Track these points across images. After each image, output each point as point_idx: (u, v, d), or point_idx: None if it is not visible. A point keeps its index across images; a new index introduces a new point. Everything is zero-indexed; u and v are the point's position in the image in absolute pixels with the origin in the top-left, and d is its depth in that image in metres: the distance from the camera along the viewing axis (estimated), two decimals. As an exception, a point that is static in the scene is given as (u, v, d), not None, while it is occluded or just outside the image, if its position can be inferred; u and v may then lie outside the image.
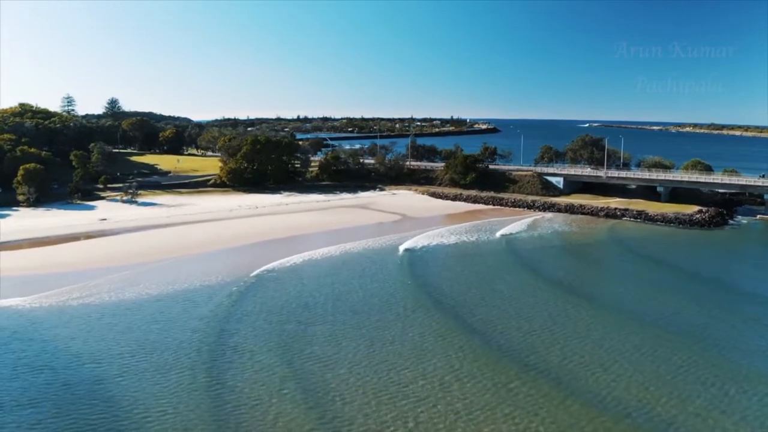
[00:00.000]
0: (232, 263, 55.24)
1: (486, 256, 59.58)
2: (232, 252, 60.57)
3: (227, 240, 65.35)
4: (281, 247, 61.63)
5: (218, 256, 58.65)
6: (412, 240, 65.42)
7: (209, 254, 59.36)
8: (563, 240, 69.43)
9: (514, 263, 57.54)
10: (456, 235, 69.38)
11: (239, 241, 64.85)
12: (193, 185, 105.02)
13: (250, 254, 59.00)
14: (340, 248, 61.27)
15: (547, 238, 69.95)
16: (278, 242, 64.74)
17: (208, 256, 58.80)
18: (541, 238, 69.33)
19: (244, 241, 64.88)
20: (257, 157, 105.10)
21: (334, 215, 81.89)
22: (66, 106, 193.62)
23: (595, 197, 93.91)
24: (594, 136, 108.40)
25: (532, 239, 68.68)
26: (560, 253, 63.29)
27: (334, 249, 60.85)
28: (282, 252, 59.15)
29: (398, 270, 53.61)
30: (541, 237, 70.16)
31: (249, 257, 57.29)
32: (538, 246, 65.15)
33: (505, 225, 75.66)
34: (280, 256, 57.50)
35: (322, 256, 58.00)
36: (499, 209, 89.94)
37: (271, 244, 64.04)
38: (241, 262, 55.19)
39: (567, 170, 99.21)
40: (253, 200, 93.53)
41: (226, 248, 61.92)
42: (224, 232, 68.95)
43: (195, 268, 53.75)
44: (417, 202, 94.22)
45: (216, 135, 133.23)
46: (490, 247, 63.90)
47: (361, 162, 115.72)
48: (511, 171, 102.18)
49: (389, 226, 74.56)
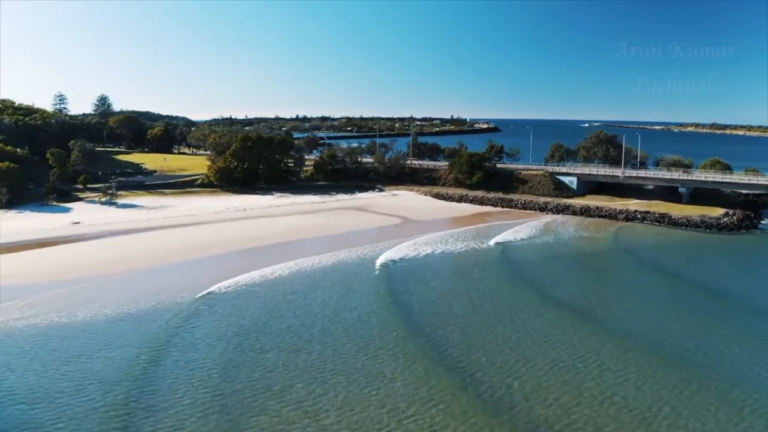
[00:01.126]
0: (206, 274, 48.04)
1: (496, 268, 52.64)
2: (210, 261, 53.48)
3: (206, 247, 58.32)
4: (264, 256, 54.38)
5: (193, 266, 51.63)
6: (413, 246, 58.46)
7: (184, 264, 52.34)
8: (581, 249, 62.20)
9: (536, 281, 50.62)
10: (463, 240, 62.36)
11: (220, 249, 57.79)
12: (179, 185, 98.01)
13: (230, 264, 51.94)
14: (332, 257, 54.00)
15: (563, 245, 62.94)
16: (263, 250, 57.58)
17: (182, 266, 51.79)
18: (556, 246, 62.31)
19: (226, 249, 57.80)
20: (248, 156, 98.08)
21: (329, 218, 74.92)
22: (58, 104, 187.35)
23: (612, 198, 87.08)
24: (608, 134, 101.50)
25: (547, 247, 61.72)
26: (578, 267, 55.32)
27: (325, 258, 53.75)
28: (264, 261, 51.99)
29: (388, 291, 45.75)
30: (556, 244, 63.18)
31: (227, 267, 50.18)
32: (552, 255, 58.05)
33: (516, 230, 68.83)
34: (261, 265, 50.49)
35: (312, 267, 50.88)
36: (508, 211, 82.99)
37: (254, 252, 56.90)
38: (216, 273, 48.11)
39: (581, 169, 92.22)
40: (242, 202, 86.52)
41: (203, 257, 54.86)
42: (205, 238, 61.96)
43: (165, 280, 46.83)
44: (419, 203, 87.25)
45: (206, 132, 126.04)
46: (503, 256, 56.94)
47: (359, 161, 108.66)
48: (521, 170, 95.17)
49: (389, 231, 67.62)
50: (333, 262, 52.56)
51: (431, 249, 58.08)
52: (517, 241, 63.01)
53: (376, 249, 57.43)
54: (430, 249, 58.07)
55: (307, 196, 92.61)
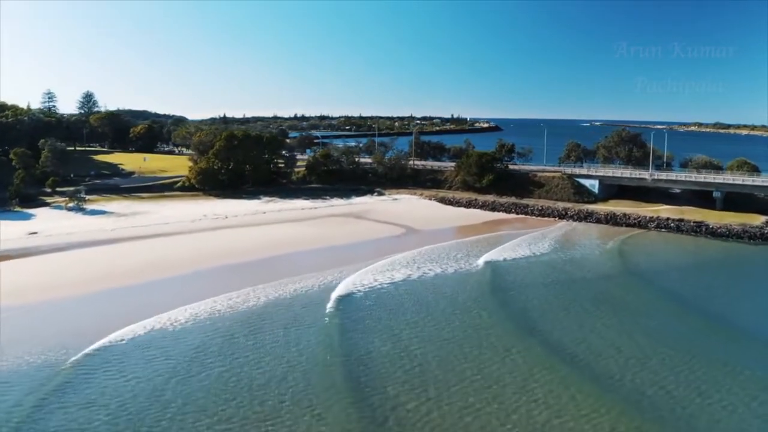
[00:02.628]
0: (134, 310, 37.94)
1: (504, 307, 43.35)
2: (156, 288, 43.51)
3: (162, 267, 48.51)
4: (223, 280, 44.57)
5: (127, 296, 41.60)
6: (416, 266, 49.22)
7: (118, 292, 42.22)
8: (614, 271, 53.07)
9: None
10: (480, 255, 53.09)
11: (178, 269, 47.95)
12: (157, 189, 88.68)
13: (176, 292, 42.26)
14: (305, 284, 43.71)
15: (595, 265, 53.75)
16: (225, 272, 47.63)
17: (114, 294, 41.72)
18: (588, 266, 53.13)
19: (185, 269, 47.99)
20: (233, 156, 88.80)
21: (320, 228, 65.55)
22: (47, 102, 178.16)
23: (638, 204, 77.87)
24: (630, 132, 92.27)
25: (576, 266, 52.48)
26: (614, 307, 43.92)
27: (308, 282, 44.38)
28: (216, 288, 42.21)
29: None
30: (588, 264, 53.99)
31: (167, 298, 40.45)
32: (588, 279, 48.86)
33: (535, 241, 59.63)
34: (207, 294, 40.86)
35: (270, 298, 41.19)
36: (524, 219, 73.76)
37: (214, 275, 46.81)
38: (149, 306, 38.52)
39: (603, 171, 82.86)
40: (224, 208, 77.16)
41: (151, 281, 44.86)
42: (167, 255, 52.45)
43: (73, 318, 37.10)
44: (423, 209, 77.91)
45: (192, 130, 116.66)
46: (519, 279, 47.70)
47: (357, 161, 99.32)
48: (535, 172, 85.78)
49: (389, 244, 58.25)
50: (300, 291, 42.11)
51: (438, 268, 48.87)
52: (541, 256, 53.84)
53: (390, 267, 48.28)
54: (437, 269, 48.86)
55: (297, 200, 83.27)
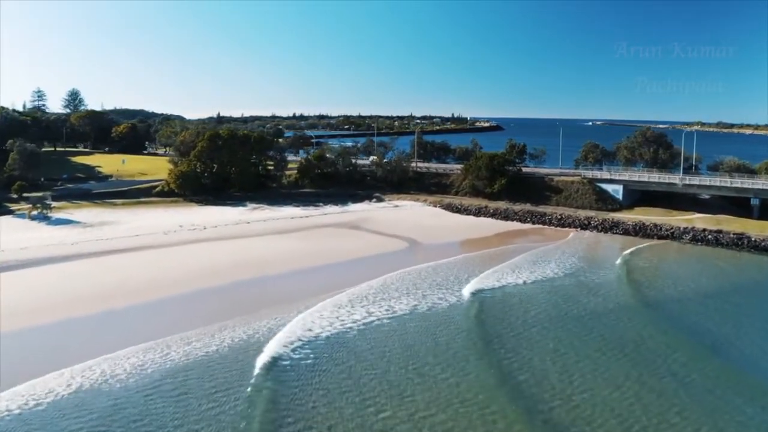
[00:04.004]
0: (61, 350, 30.08)
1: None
2: (96, 322, 35.18)
3: (121, 293, 39.96)
4: (177, 316, 36.17)
5: (59, 332, 33.32)
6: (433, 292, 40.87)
7: (51, 329, 33.62)
8: (656, 298, 44.77)
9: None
10: (506, 279, 44.74)
11: (136, 296, 39.30)
12: (133, 194, 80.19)
13: (119, 328, 33.97)
14: (265, 325, 35.26)
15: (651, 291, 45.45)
16: (186, 302, 39.12)
17: (47, 331, 33.27)
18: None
19: (141, 297, 39.35)
20: (217, 157, 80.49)
21: (310, 241, 57.10)
22: (36, 100, 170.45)
23: (668, 212, 69.63)
24: (655, 131, 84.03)
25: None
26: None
27: (258, 325, 36.01)
28: (168, 327, 33.99)
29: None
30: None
31: (112, 334, 32.24)
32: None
33: (561, 257, 51.39)
34: (155, 335, 32.70)
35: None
36: (540, 229, 65.51)
37: (174, 305, 38.53)
38: (76, 348, 30.25)
39: (628, 175, 74.47)
40: (204, 216, 68.72)
41: (96, 313, 36.26)
42: (129, 278, 43.89)
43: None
44: (428, 218, 69.53)
45: (177, 130, 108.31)
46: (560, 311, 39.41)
47: (354, 163, 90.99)
48: (552, 176, 77.39)
49: (390, 261, 49.79)
50: (240, 341, 31.88)
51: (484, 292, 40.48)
52: (565, 278, 45.52)
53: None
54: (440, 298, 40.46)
55: (287, 208, 74.82)
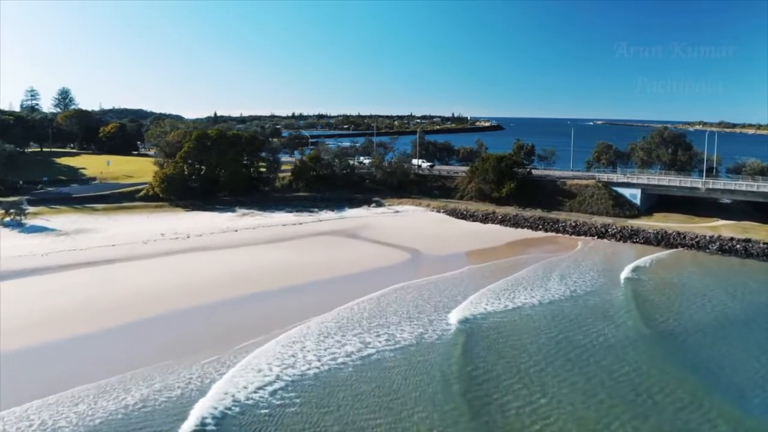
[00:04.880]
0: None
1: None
2: (38, 356, 30.36)
3: (81, 316, 34.84)
4: (118, 352, 31.19)
5: (12, 366, 28.52)
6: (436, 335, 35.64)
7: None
8: (685, 326, 39.63)
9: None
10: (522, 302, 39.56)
11: (97, 321, 33.91)
12: (115, 198, 74.91)
13: (58, 365, 28.98)
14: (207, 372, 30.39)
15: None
16: (140, 331, 34.22)
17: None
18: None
19: (101, 322, 33.95)
20: (205, 159, 75.30)
21: (301, 252, 51.86)
22: (29, 100, 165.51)
23: (689, 218, 64.57)
24: (673, 131, 78.99)
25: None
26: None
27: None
28: (100, 367, 29.15)
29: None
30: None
31: (46, 373, 27.31)
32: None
33: (581, 273, 46.27)
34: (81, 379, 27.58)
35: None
36: (554, 238, 60.39)
37: (128, 334, 33.64)
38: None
39: (646, 179, 69.27)
40: (189, 223, 63.53)
41: (42, 344, 31.13)
42: (97, 297, 38.74)
43: None
44: (431, 225, 64.36)
45: (167, 129, 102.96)
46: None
47: (351, 165, 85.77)
48: (564, 179, 72.19)
49: (389, 276, 44.63)
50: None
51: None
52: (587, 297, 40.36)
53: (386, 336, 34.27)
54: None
55: (279, 213, 69.64)
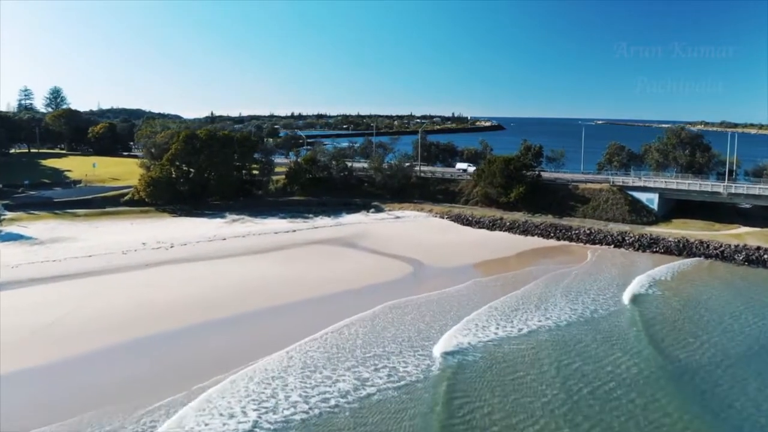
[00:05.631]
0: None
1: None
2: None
3: (38, 343, 30.65)
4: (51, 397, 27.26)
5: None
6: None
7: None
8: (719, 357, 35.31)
9: None
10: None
11: (55, 350, 29.64)
12: (99, 203, 70.58)
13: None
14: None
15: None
16: (123, 358, 30.24)
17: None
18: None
19: (52, 353, 29.84)
20: (194, 161, 70.99)
21: (291, 265, 47.40)
22: (23, 99, 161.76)
23: (709, 224, 60.26)
24: (690, 132, 74.66)
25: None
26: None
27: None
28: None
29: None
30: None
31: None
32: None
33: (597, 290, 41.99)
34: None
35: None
36: (566, 246, 56.09)
37: (107, 361, 29.64)
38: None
39: (664, 182, 64.94)
40: (174, 231, 59.14)
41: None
42: (62, 319, 34.54)
43: None
44: (435, 232, 59.99)
45: (158, 129, 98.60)
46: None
47: (349, 167, 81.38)
48: (576, 182, 67.83)
49: (389, 291, 40.32)
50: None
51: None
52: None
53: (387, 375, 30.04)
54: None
55: (272, 220, 65.28)
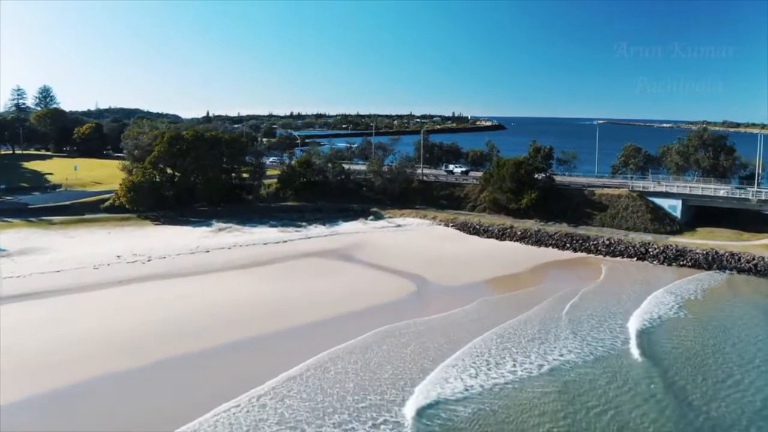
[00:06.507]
0: None
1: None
2: None
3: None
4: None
5: None
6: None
7: None
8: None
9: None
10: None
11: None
12: (77, 209, 65.46)
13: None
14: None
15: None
16: (52, 410, 25.31)
17: None
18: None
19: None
20: (180, 164, 65.97)
21: (284, 282, 42.39)
22: (16, 99, 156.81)
23: (737, 234, 55.15)
24: (713, 134, 69.65)
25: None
26: None
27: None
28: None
29: None
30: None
31: None
32: None
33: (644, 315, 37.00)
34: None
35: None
36: (584, 258, 51.12)
37: (34, 413, 24.69)
38: None
39: (688, 188, 59.90)
40: (155, 240, 54.05)
41: None
42: (7, 352, 29.59)
43: None
44: (440, 243, 54.84)
45: (145, 130, 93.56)
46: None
47: (347, 170, 76.22)
48: (593, 187, 62.85)
49: (389, 315, 35.30)
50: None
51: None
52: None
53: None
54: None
55: (262, 228, 60.18)
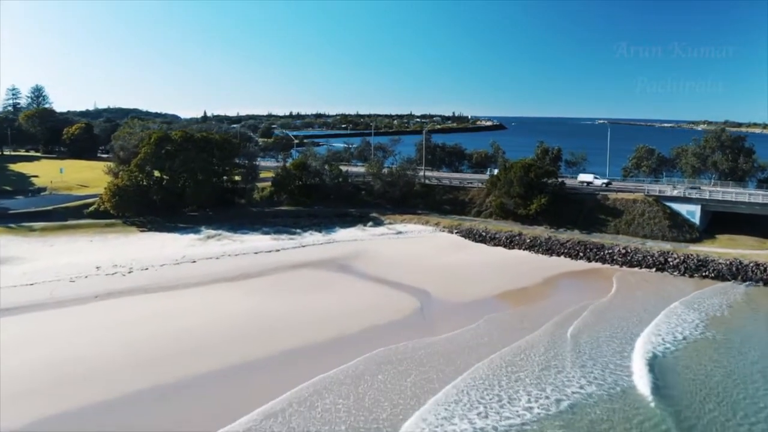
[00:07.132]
0: None
1: None
2: None
3: None
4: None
5: None
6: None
7: None
8: None
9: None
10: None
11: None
12: (59, 215, 61.75)
13: None
14: None
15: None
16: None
17: None
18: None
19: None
20: (168, 166, 62.35)
21: (274, 298, 38.77)
22: (11, 98, 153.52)
23: (760, 242, 51.85)
24: (732, 135, 66.01)
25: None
26: None
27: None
28: None
29: None
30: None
31: None
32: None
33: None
34: None
35: None
36: (598, 269, 47.55)
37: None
38: None
39: (708, 192, 56.36)
40: (138, 249, 50.36)
41: None
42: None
43: None
44: (443, 251, 51.13)
45: (136, 130, 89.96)
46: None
47: (345, 172, 72.57)
48: (606, 192, 59.25)
49: (388, 337, 31.70)
50: None
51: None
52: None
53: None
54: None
55: (254, 235, 56.45)
